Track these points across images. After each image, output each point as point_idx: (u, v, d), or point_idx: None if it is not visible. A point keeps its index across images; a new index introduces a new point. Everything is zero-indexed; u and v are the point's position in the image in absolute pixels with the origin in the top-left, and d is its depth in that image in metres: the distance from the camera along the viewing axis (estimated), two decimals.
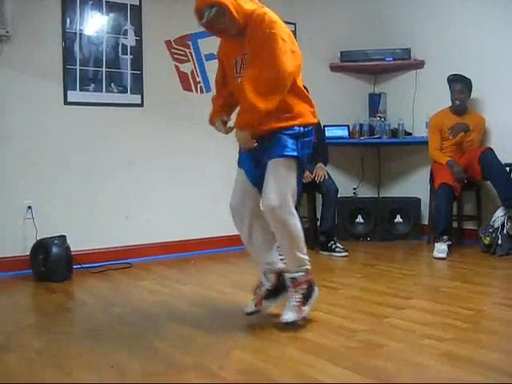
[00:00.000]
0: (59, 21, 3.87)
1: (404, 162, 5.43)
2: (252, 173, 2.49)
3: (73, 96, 3.93)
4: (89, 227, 3.96)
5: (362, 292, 3.15)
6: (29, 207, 3.72)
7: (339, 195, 4.58)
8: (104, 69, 4.07)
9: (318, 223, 4.55)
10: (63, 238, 3.65)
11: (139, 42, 4.22)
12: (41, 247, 3.57)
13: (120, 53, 4.14)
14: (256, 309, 2.57)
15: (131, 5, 4.17)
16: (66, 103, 3.91)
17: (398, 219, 4.98)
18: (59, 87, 3.89)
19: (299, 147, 2.36)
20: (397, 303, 2.86)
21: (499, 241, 4.08)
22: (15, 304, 3.09)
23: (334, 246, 4.32)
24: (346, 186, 5.21)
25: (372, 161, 5.54)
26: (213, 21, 2.29)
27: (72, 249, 3.68)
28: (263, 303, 2.57)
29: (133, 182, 4.19)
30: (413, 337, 2.32)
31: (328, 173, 4.47)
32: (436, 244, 4.17)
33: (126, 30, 4.16)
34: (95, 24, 4.03)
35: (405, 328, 2.44)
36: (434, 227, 4.36)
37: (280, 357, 2.11)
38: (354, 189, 5.39)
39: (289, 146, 2.33)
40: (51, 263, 3.50)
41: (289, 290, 2.44)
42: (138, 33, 4.21)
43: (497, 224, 4.13)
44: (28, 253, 3.61)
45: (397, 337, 2.33)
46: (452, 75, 4.54)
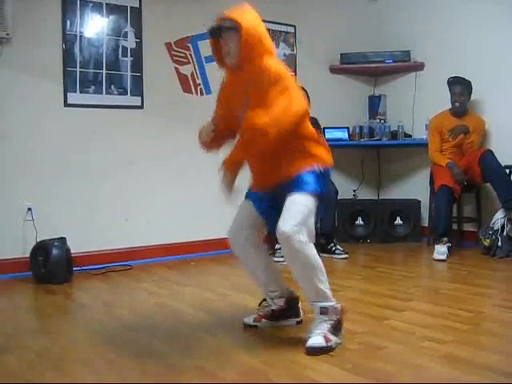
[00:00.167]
0: (59, 22, 3.87)
1: (404, 164, 5.43)
2: (259, 204, 2.45)
3: (73, 98, 3.93)
4: (89, 229, 3.96)
5: (362, 294, 3.15)
6: (29, 209, 3.72)
7: (339, 197, 4.58)
8: (104, 71, 4.07)
9: (318, 225, 4.54)
10: (63, 240, 3.64)
11: (139, 44, 4.22)
12: (41, 249, 3.56)
13: (120, 55, 4.14)
14: (254, 324, 2.55)
15: (131, 7, 4.17)
16: (66, 105, 3.91)
17: (398, 221, 4.98)
18: (59, 88, 3.89)
19: (322, 184, 2.32)
20: (397, 305, 2.86)
21: (499, 243, 4.08)
22: (15, 306, 3.09)
23: (334, 248, 4.32)
24: (346, 188, 5.21)
25: (372, 163, 5.54)
26: (224, 33, 2.27)
27: (72, 251, 3.67)
28: (262, 322, 2.54)
29: (133, 184, 4.19)
30: (413, 339, 2.32)
31: None
32: (436, 246, 4.17)
33: (126, 32, 4.17)
34: (95, 26, 4.04)
35: (405, 330, 2.44)
36: (434, 229, 4.36)
37: (279, 359, 2.11)
38: (354, 191, 5.39)
39: (311, 183, 2.28)
40: (51, 265, 3.50)
41: (316, 317, 2.29)
42: (138, 35, 4.21)
43: (497, 226, 4.13)
44: (28, 255, 3.61)
45: (397, 339, 2.33)
46: (452, 77, 4.54)
